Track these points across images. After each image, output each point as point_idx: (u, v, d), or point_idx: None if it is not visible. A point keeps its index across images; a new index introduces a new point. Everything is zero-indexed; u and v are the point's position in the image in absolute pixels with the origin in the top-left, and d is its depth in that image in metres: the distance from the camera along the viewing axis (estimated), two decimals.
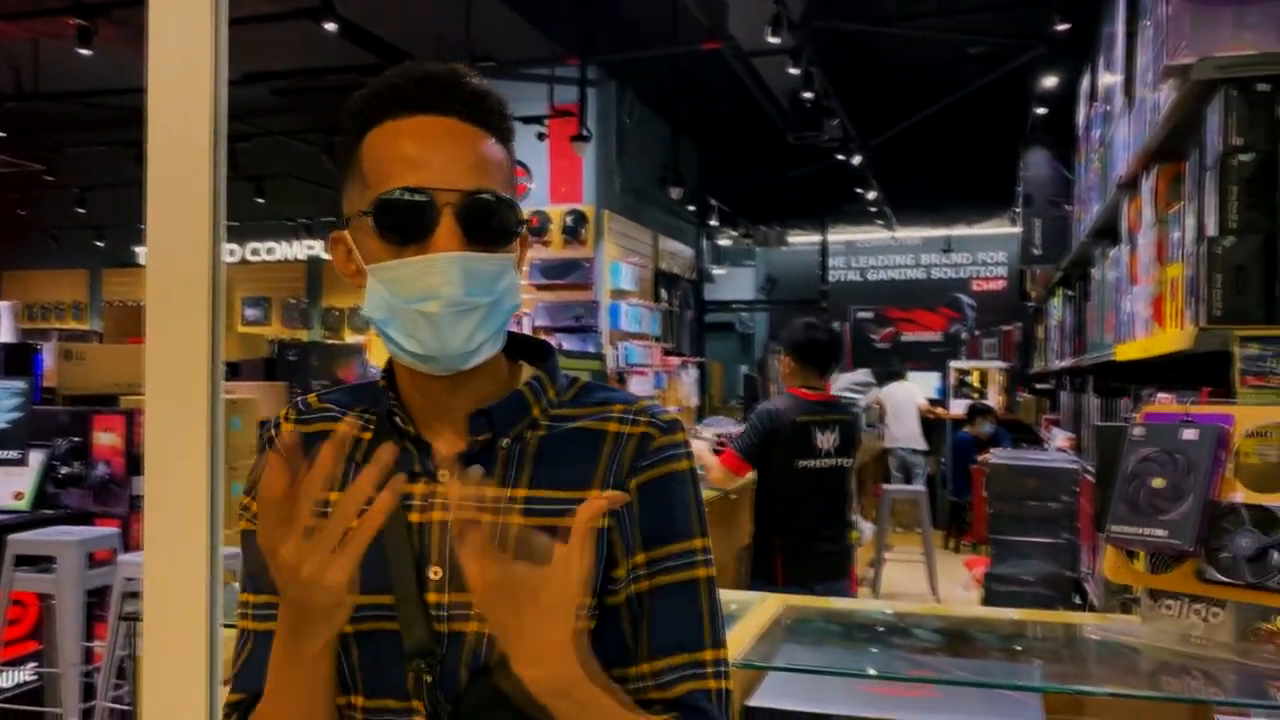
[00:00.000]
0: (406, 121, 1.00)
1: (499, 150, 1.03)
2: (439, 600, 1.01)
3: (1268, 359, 1.90)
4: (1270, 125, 2.03)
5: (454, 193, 0.98)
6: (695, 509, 1.06)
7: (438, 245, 0.97)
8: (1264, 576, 1.48)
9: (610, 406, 1.08)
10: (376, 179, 1.00)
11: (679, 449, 1.06)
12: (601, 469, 1.03)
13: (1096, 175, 4.35)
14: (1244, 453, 1.75)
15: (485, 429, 1.03)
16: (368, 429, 1.08)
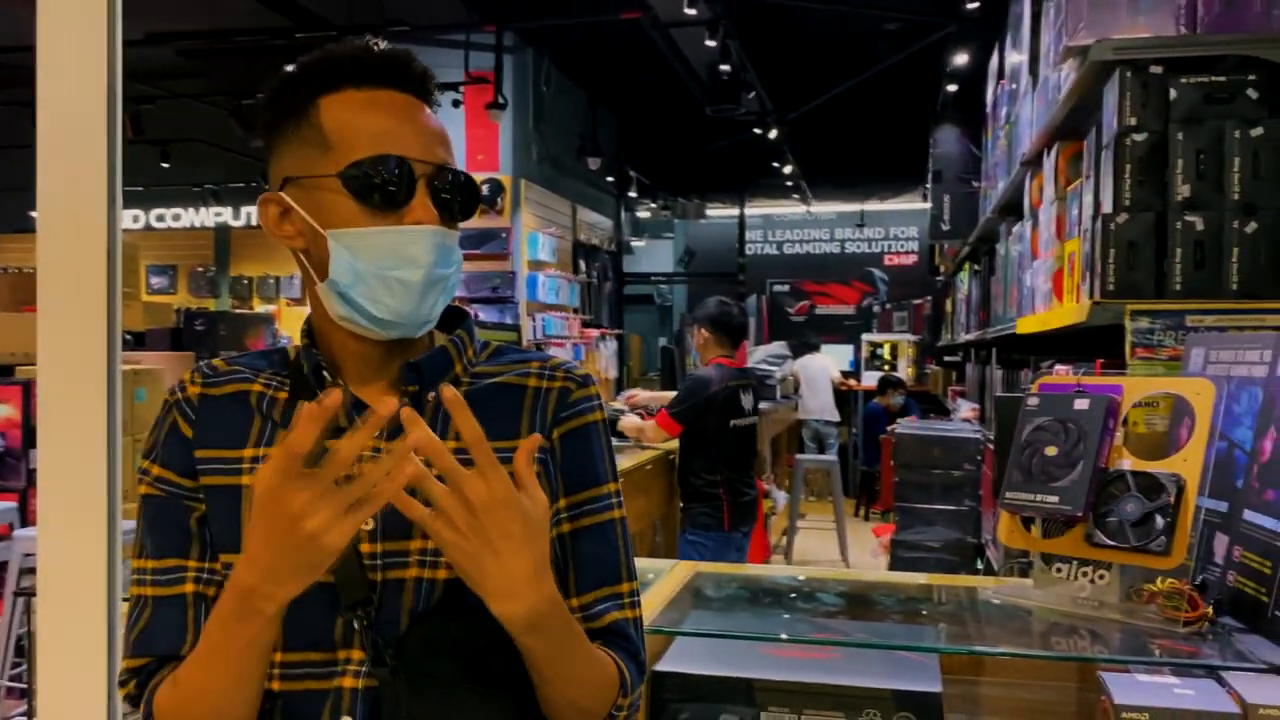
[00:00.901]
0: (372, 93, 1.04)
1: (447, 133, 1.08)
2: (372, 549, 1.02)
3: (1155, 332, 1.98)
4: (1162, 106, 2.11)
5: (427, 165, 1.03)
6: (608, 457, 1.13)
7: (416, 214, 1.02)
8: (1147, 540, 1.54)
9: (528, 364, 1.13)
10: (344, 144, 1.02)
11: (593, 401, 1.13)
12: (526, 421, 1.09)
13: (1003, 152, 4.46)
14: (1133, 422, 1.83)
15: (414, 380, 1.07)
16: (280, 389, 1.10)
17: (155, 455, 1.10)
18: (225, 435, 1.08)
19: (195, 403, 1.10)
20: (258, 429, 1.08)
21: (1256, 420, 1.62)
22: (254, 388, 1.10)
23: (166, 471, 1.08)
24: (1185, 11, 2.18)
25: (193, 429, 1.08)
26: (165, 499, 1.08)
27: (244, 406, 1.09)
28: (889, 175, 13.55)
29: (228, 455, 1.07)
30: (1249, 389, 1.67)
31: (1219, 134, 2.05)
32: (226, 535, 1.05)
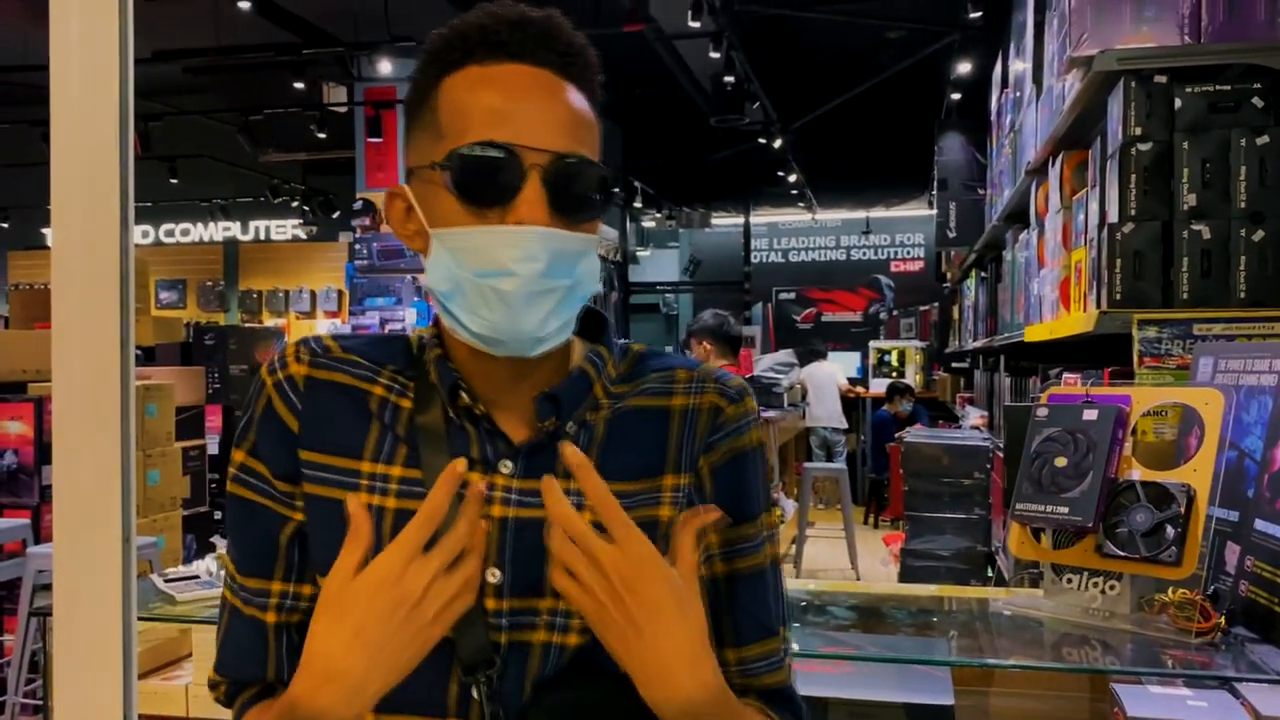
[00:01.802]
0: (494, 68, 0.88)
1: (592, 114, 0.91)
2: (498, 607, 0.89)
3: (1163, 341, 1.97)
4: (1167, 116, 2.11)
5: (543, 153, 0.86)
6: (764, 485, 0.99)
7: (520, 211, 0.85)
8: (1158, 550, 1.54)
9: (672, 376, 0.97)
10: (454, 129, 0.87)
11: (749, 419, 0.97)
12: (672, 452, 0.94)
13: (1008, 160, 4.46)
14: (1142, 431, 1.83)
15: (551, 413, 0.91)
16: (405, 395, 0.94)
17: (248, 443, 0.94)
18: (339, 438, 0.92)
19: (300, 386, 0.93)
20: (376, 438, 0.92)
21: (1267, 429, 1.62)
22: (375, 390, 0.94)
23: (260, 464, 0.93)
24: (1189, 21, 2.18)
25: (299, 421, 0.92)
26: (254, 504, 0.94)
27: (360, 406, 0.93)
28: (894, 182, 13.55)
29: (342, 464, 0.91)
30: (1258, 398, 1.66)
31: (1225, 142, 2.05)
32: (329, 555, 0.88)
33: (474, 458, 0.90)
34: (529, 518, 0.89)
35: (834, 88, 9.59)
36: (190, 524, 5.58)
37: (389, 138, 9.13)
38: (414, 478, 0.90)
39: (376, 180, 9.31)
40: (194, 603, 1.98)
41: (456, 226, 0.87)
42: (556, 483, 0.79)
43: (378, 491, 0.90)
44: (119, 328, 1.25)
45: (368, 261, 9.24)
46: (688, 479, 0.94)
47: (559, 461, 0.87)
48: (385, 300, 9.20)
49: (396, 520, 0.89)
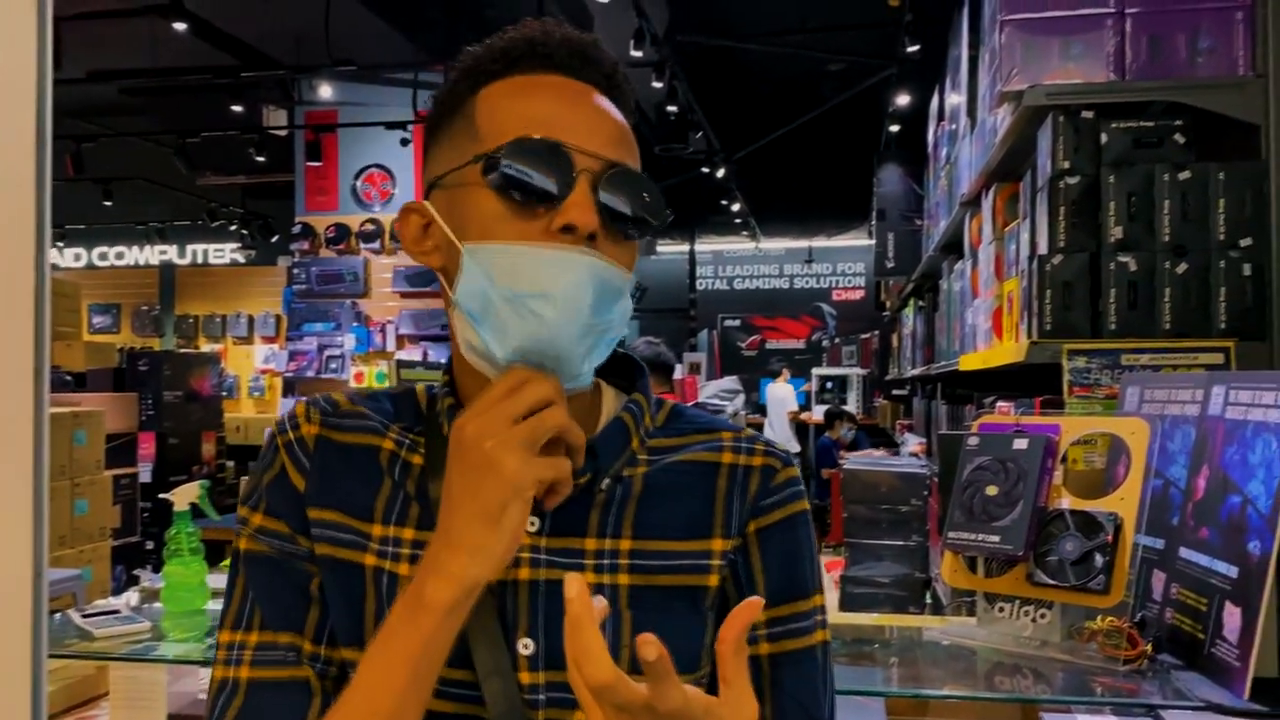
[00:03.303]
0: (540, 78, 0.84)
1: (634, 139, 0.87)
2: (533, 681, 0.81)
3: (1092, 371, 2.00)
4: (1094, 150, 2.15)
5: (595, 158, 0.80)
6: (816, 559, 0.91)
7: (569, 214, 0.78)
8: (1087, 578, 1.55)
9: (718, 434, 0.91)
10: (495, 131, 0.81)
11: (798, 487, 0.90)
12: (720, 512, 0.87)
13: (944, 192, 4.54)
14: (1071, 460, 1.85)
15: (587, 467, 0.83)
16: (415, 450, 0.88)
17: (258, 502, 0.87)
18: (348, 496, 0.86)
19: (310, 446, 0.87)
20: (387, 497, 0.86)
21: (1190, 458, 1.65)
22: (385, 444, 0.88)
23: (275, 523, 0.86)
24: (1114, 58, 2.24)
25: (306, 480, 0.86)
26: (277, 560, 0.85)
27: (370, 462, 0.87)
28: (835, 212, 13.75)
29: (352, 524, 0.85)
30: (1182, 427, 1.69)
31: (1149, 177, 2.09)
32: (344, 623, 0.83)
33: None
34: (559, 580, 0.78)
35: (776, 119, 9.71)
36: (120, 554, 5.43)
37: (329, 161, 9.06)
38: (428, 540, 0.81)
39: (316, 204, 9.22)
40: (113, 638, 1.91)
41: (495, 238, 0.80)
42: (582, 582, 0.65)
43: (388, 556, 0.84)
44: (33, 353, 1.21)
45: (306, 286, 9.13)
46: (735, 543, 0.86)
47: (591, 519, 0.83)
48: (324, 325, 9.08)
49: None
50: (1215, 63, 2.18)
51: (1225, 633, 1.44)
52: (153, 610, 2.07)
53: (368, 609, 0.83)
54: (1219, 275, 2.05)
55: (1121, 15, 2.23)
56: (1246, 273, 2.04)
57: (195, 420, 7.31)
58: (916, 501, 4.13)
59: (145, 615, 1.99)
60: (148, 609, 2.09)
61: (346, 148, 9.10)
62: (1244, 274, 2.04)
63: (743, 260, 15.85)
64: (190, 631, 2.00)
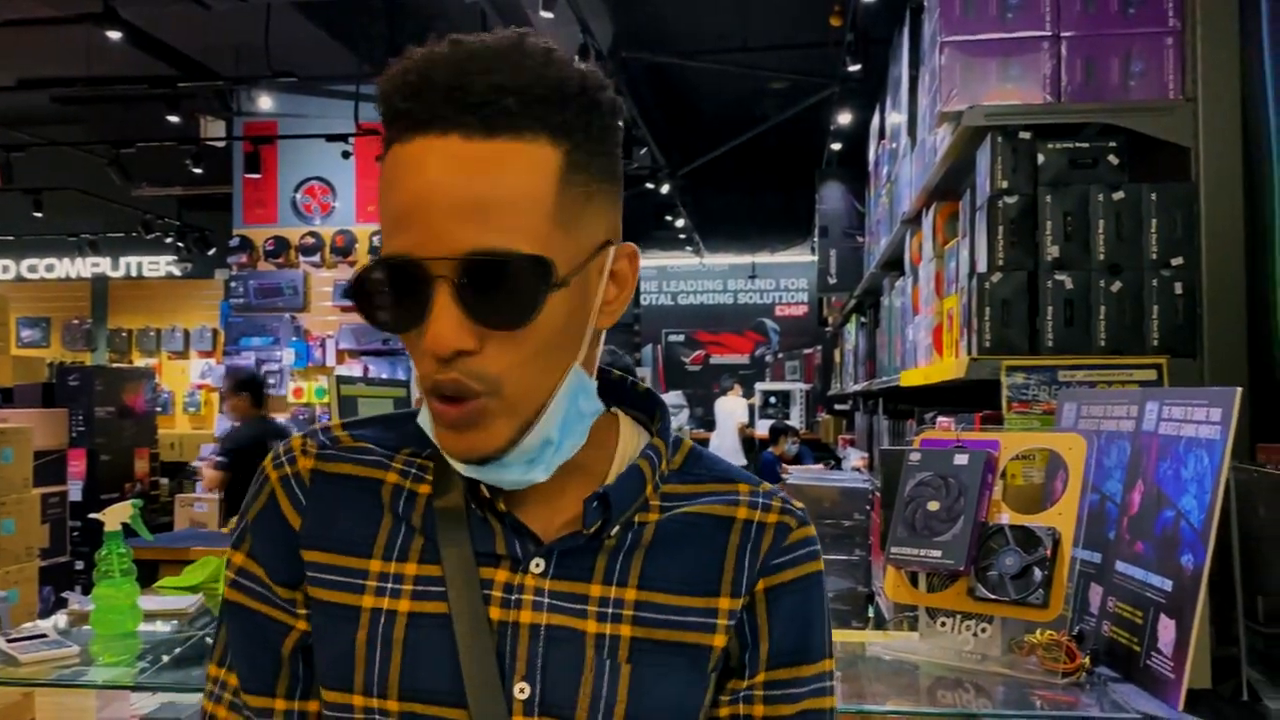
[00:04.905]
0: (409, 147, 0.73)
1: (528, 172, 0.73)
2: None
3: (1030, 387, 2.04)
4: (1031, 170, 2.19)
5: (449, 260, 0.71)
6: (828, 623, 0.88)
7: (425, 343, 0.73)
8: (1026, 592, 1.57)
9: (734, 485, 0.88)
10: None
11: (814, 546, 0.87)
12: (730, 568, 0.84)
13: (885, 210, 4.59)
14: (1011, 475, 1.87)
15: (600, 516, 0.81)
16: (422, 479, 0.85)
17: (242, 540, 0.86)
18: (345, 534, 0.83)
19: (307, 481, 0.84)
20: (388, 531, 0.83)
21: (1125, 473, 1.68)
22: (389, 478, 0.85)
23: (256, 566, 0.85)
24: (1050, 80, 2.29)
25: (301, 518, 0.84)
26: (253, 612, 0.84)
27: (372, 498, 0.84)
28: (779, 228, 13.87)
29: (347, 564, 0.82)
30: (1118, 442, 1.72)
31: (1085, 197, 2.14)
32: (336, 669, 0.81)
33: (500, 553, 0.81)
34: (562, 626, 0.79)
35: (720, 135, 9.78)
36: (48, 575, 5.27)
37: (268, 173, 8.93)
38: (431, 575, 0.80)
39: (254, 216, 9.08)
40: (40, 664, 1.85)
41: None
42: None
43: (388, 594, 0.81)
44: None
45: (244, 300, 8.98)
46: (743, 602, 0.83)
47: (598, 564, 0.81)
48: (262, 340, 8.93)
49: (411, 627, 0.79)
50: (1147, 86, 2.23)
51: (1160, 645, 1.47)
52: (82, 634, 2.01)
53: (358, 651, 0.80)
54: (1152, 293, 2.10)
55: (1057, 39, 2.28)
56: (1178, 291, 2.09)
57: (128, 437, 7.14)
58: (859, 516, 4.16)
59: (74, 639, 1.93)
60: (76, 632, 2.03)
61: (286, 160, 8.98)
62: (1176, 292, 2.09)
63: (687, 275, 15.92)
64: (121, 656, 1.94)
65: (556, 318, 0.75)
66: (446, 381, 0.74)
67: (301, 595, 0.83)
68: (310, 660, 0.84)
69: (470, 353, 0.73)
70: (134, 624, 2.03)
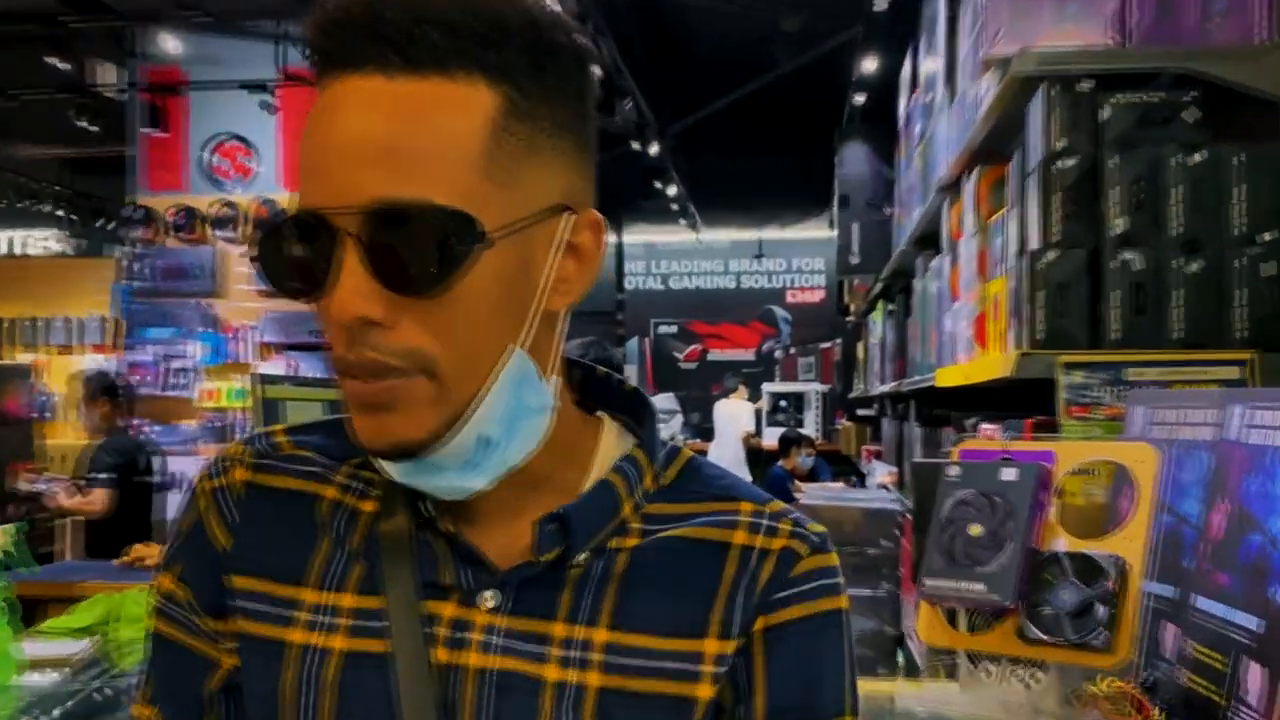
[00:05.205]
0: (326, 92, 0.76)
1: (454, 116, 0.74)
2: None
3: (1092, 388, 2.04)
4: (1093, 128, 2.19)
5: (354, 214, 0.73)
6: (849, 672, 0.87)
7: (329, 312, 0.75)
8: (1086, 633, 1.58)
9: (734, 504, 0.87)
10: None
11: (832, 578, 0.87)
12: (721, 605, 0.83)
13: (917, 175, 4.60)
14: (1069, 493, 1.88)
15: (557, 541, 0.82)
16: (366, 495, 0.87)
17: (170, 560, 0.89)
18: (277, 558, 0.85)
19: (242, 495, 0.88)
20: (324, 556, 0.85)
21: (1205, 490, 1.69)
22: (327, 491, 0.87)
23: (185, 591, 0.88)
24: (1115, 20, 2.29)
25: (233, 537, 0.87)
26: (175, 645, 0.87)
27: (308, 517, 0.86)
28: (790, 199, 13.88)
29: (278, 592, 0.84)
30: (1196, 454, 1.73)
31: (1156, 160, 2.14)
32: (262, 713, 0.83)
33: (447, 584, 0.82)
34: (516, 671, 0.80)
35: (720, 86, 9.78)
36: None
37: (174, 129, 8.89)
38: (371, 608, 0.82)
39: (159, 182, 9.04)
40: None
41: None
42: None
43: (321, 628, 0.82)
44: None
45: (145, 283, 8.94)
46: (736, 645, 0.83)
47: (562, 599, 0.81)
48: (167, 330, 8.90)
49: (346, 668, 0.81)
50: (1231, 27, 2.24)
51: (1247, 696, 1.47)
52: None
53: (285, 694, 0.81)
54: (1237, 276, 2.11)
55: None
56: (1269, 272, 2.10)
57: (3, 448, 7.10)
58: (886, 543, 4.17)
59: None
60: None
61: (196, 114, 8.94)
62: (1266, 274, 2.10)
63: (680, 254, 15.92)
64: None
65: (486, 288, 0.75)
66: (356, 360, 0.75)
67: (229, 627, 0.85)
68: (239, 702, 0.85)
69: (381, 324, 0.74)
70: (8, 675, 2.02)
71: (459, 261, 0.73)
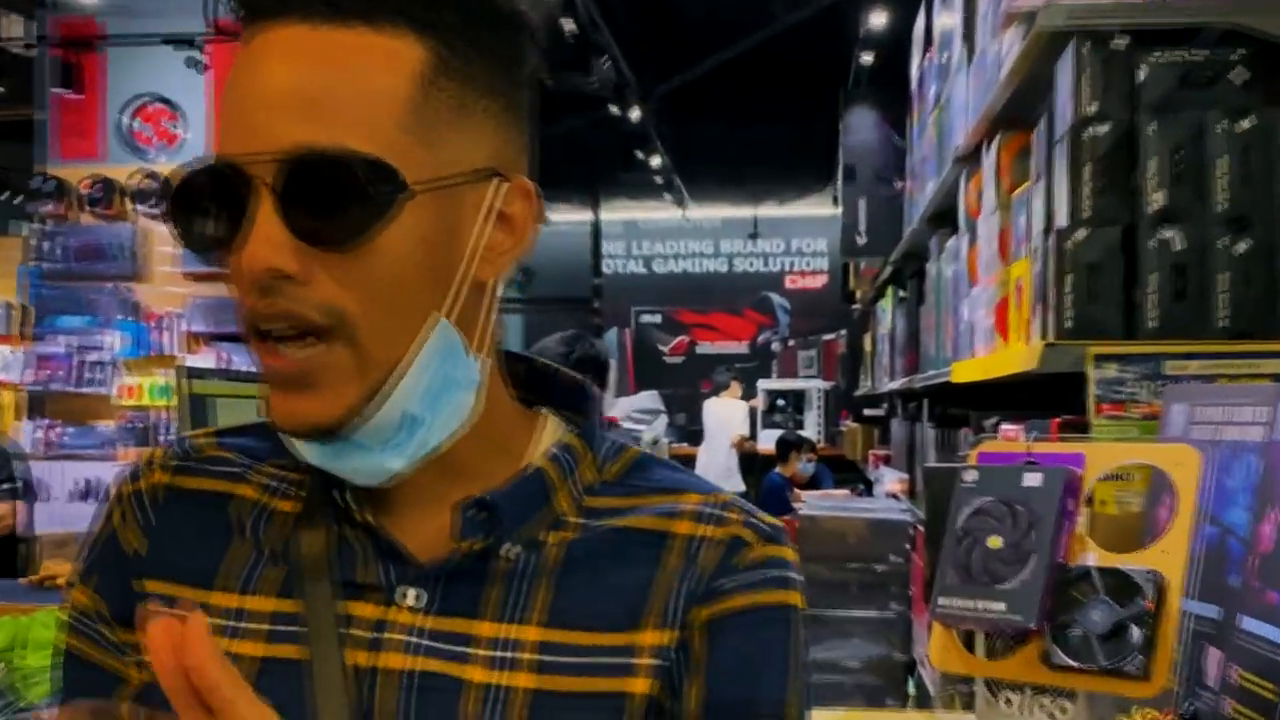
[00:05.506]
0: (248, 44, 0.82)
1: (378, 67, 0.81)
2: None
3: (1126, 382, 2.05)
4: (1129, 90, 2.20)
5: (264, 161, 0.78)
6: (797, 671, 0.89)
7: (239, 263, 0.79)
8: (1120, 658, 1.58)
9: (680, 495, 0.91)
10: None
11: (782, 570, 0.90)
12: (659, 597, 0.87)
13: (932, 144, 4.61)
14: (1100, 501, 1.88)
15: (482, 530, 0.86)
16: (288, 495, 0.91)
17: (86, 576, 0.93)
18: (189, 562, 0.90)
19: (159, 499, 0.93)
20: (242, 558, 0.90)
21: (1254, 498, 1.69)
22: (243, 490, 0.92)
23: (97, 601, 0.92)
24: None
25: (147, 542, 0.91)
26: (84, 659, 0.91)
27: (221, 517, 0.91)
28: (789, 171, 13.89)
29: (183, 596, 0.88)
30: (1244, 457, 1.74)
31: (1200, 126, 2.15)
32: None
33: (365, 582, 0.86)
34: (440, 674, 0.84)
35: (710, 43, 9.77)
36: None
37: (90, 90, 8.82)
38: (289, 612, 0.86)
39: (70, 150, 8.95)
40: None
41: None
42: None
43: (234, 634, 0.86)
44: None
45: (57, 264, 8.87)
46: (674, 638, 0.87)
47: (490, 595, 0.85)
48: (80, 319, 8.81)
49: (262, 675, 0.83)
50: None
51: None
52: None
53: None
54: None
55: None
56: None
57: None
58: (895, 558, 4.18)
59: None
60: None
61: (115, 72, 8.87)
62: None
63: (665, 234, 15.92)
64: None
65: (407, 246, 0.80)
66: (269, 310, 0.79)
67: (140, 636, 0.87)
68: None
69: (295, 278, 0.79)
70: None
71: (378, 212, 0.79)
